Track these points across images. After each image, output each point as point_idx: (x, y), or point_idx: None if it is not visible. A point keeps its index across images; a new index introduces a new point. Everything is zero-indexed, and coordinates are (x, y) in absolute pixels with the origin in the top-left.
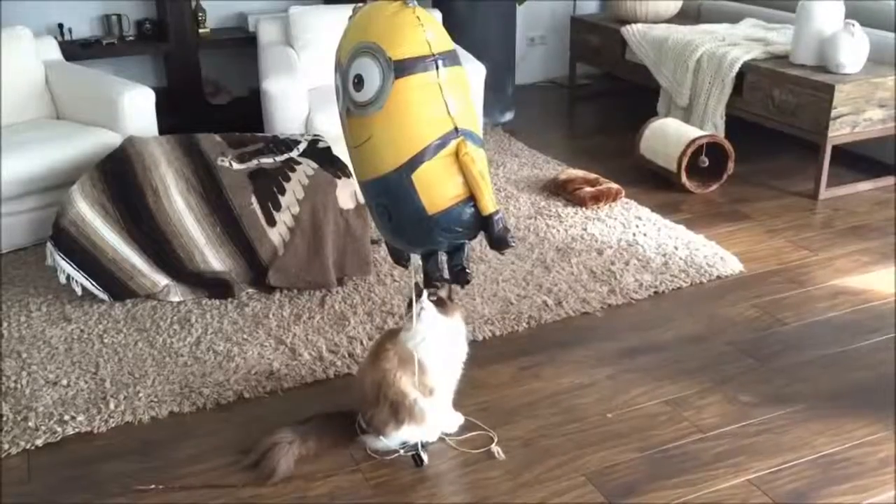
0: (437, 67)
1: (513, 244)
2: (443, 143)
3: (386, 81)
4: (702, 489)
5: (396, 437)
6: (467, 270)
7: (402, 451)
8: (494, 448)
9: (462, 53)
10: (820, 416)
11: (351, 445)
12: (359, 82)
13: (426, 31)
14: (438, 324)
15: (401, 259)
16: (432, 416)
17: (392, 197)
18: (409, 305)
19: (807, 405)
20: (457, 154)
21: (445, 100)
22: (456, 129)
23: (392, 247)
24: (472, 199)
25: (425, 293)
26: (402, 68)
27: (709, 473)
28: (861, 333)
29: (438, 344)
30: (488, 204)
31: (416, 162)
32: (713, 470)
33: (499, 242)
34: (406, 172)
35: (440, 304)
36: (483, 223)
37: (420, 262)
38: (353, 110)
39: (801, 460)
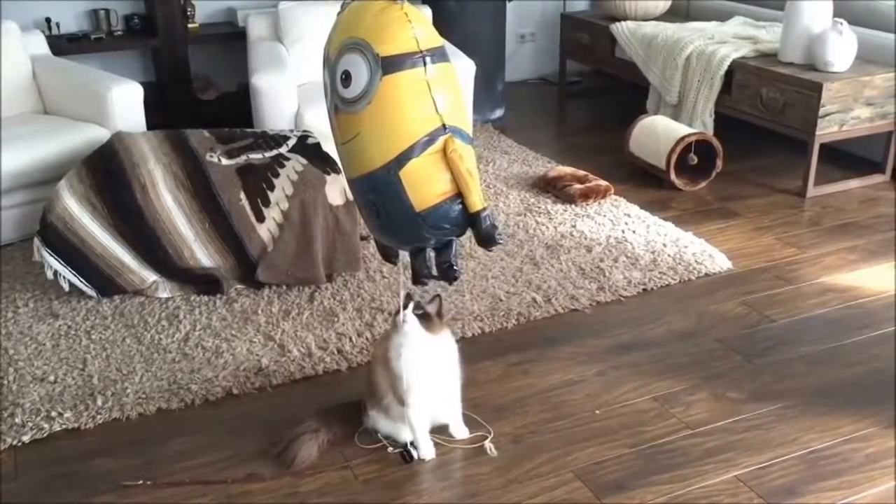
0: (424, 64)
1: (501, 241)
2: (430, 139)
3: (373, 78)
4: (690, 485)
5: (374, 416)
6: (455, 267)
7: (390, 449)
8: (487, 444)
9: (452, 50)
10: (808, 412)
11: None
12: (346, 79)
13: (414, 28)
14: (419, 340)
15: (390, 256)
16: (411, 420)
17: (380, 194)
18: (398, 312)
19: (795, 401)
20: (444, 151)
21: (433, 96)
22: (444, 125)
23: (381, 244)
24: (459, 196)
25: (411, 305)
26: (390, 65)
27: (697, 469)
28: (849, 330)
29: (416, 360)
30: (476, 201)
31: (403, 159)
32: (702, 466)
33: (486, 240)
34: (394, 169)
35: (425, 318)
36: (471, 220)
37: (408, 260)
38: (341, 107)
39: (789, 456)
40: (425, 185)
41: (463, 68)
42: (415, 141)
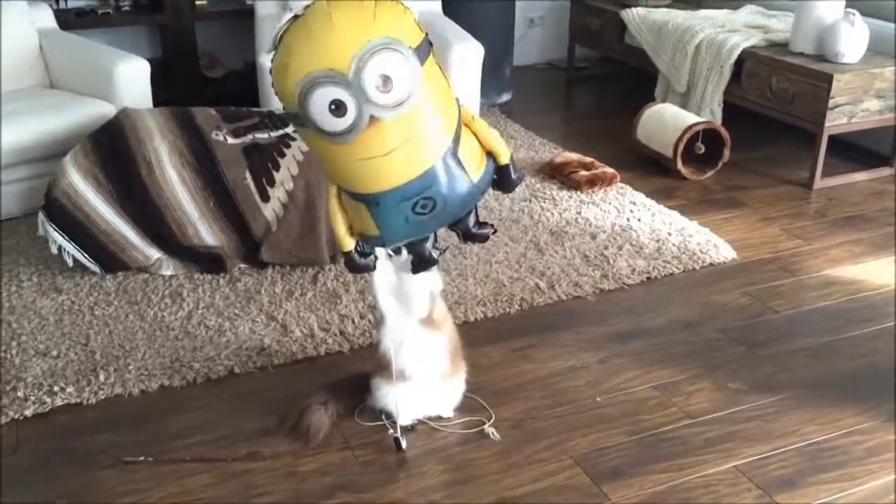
0: (431, 46)
1: (525, 180)
2: (460, 114)
3: (415, 72)
4: (689, 474)
5: (375, 384)
6: (487, 221)
7: (391, 431)
8: (488, 428)
9: (460, 33)
10: (809, 404)
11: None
12: (385, 83)
13: (413, 15)
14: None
15: (368, 266)
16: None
17: (441, 184)
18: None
19: (796, 393)
20: (464, 120)
21: (444, 75)
22: (457, 98)
23: (356, 257)
24: (488, 154)
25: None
26: (421, 55)
27: (697, 459)
28: (852, 323)
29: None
30: (505, 153)
31: (456, 139)
32: (701, 455)
33: (516, 185)
34: (453, 152)
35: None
36: (501, 172)
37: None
38: (382, 115)
39: (788, 448)
40: (472, 155)
41: (471, 52)
42: (458, 119)
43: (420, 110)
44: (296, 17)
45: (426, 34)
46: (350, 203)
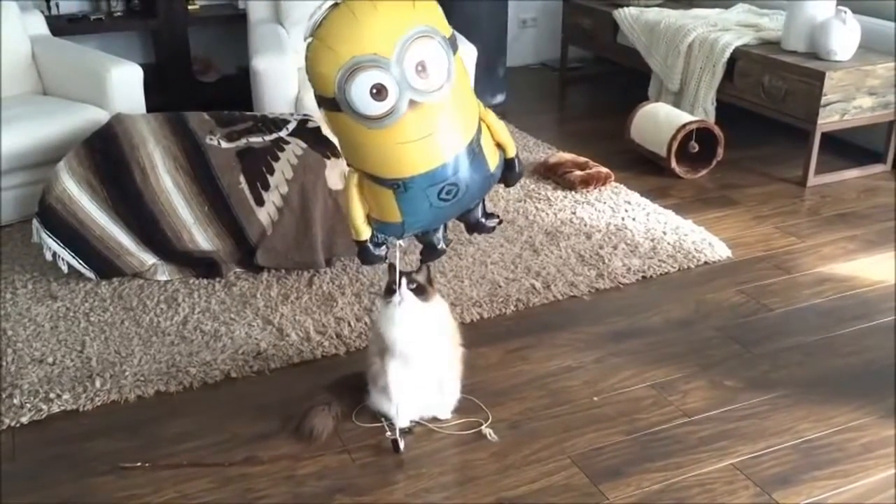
0: (456, 38)
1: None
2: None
3: (451, 58)
4: (686, 472)
5: (374, 396)
6: (494, 213)
7: (388, 433)
8: (486, 429)
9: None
10: (803, 401)
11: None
12: (424, 68)
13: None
14: (414, 310)
15: (381, 257)
16: (391, 385)
17: (468, 170)
18: (388, 291)
19: (791, 390)
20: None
21: (465, 67)
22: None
23: (370, 247)
24: (499, 145)
25: (404, 282)
26: (453, 44)
27: (693, 457)
28: (846, 320)
29: (410, 330)
30: (513, 146)
31: (479, 128)
32: (698, 454)
33: (519, 177)
34: (476, 140)
35: (420, 290)
36: (508, 163)
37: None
38: (420, 100)
39: (783, 445)
40: (488, 145)
41: (465, 53)
42: (478, 109)
43: (453, 96)
44: (335, 4)
45: (452, 30)
46: (372, 190)
